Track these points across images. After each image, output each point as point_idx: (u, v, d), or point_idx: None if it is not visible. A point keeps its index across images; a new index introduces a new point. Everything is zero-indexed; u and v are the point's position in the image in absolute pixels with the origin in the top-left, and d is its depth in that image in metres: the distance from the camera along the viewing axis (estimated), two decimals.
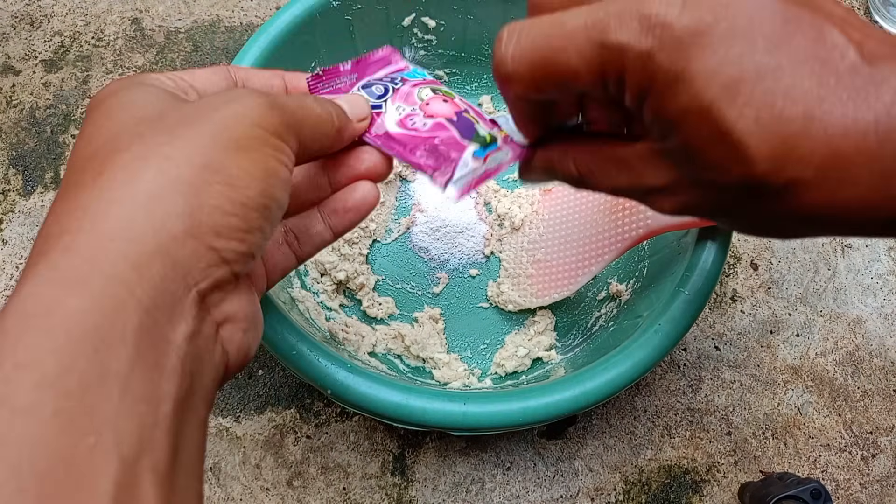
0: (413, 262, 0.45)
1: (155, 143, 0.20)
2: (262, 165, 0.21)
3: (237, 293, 0.21)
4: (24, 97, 0.50)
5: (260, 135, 0.21)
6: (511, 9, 0.44)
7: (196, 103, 0.22)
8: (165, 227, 0.18)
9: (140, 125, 0.20)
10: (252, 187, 0.20)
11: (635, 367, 0.31)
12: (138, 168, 0.19)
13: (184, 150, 0.19)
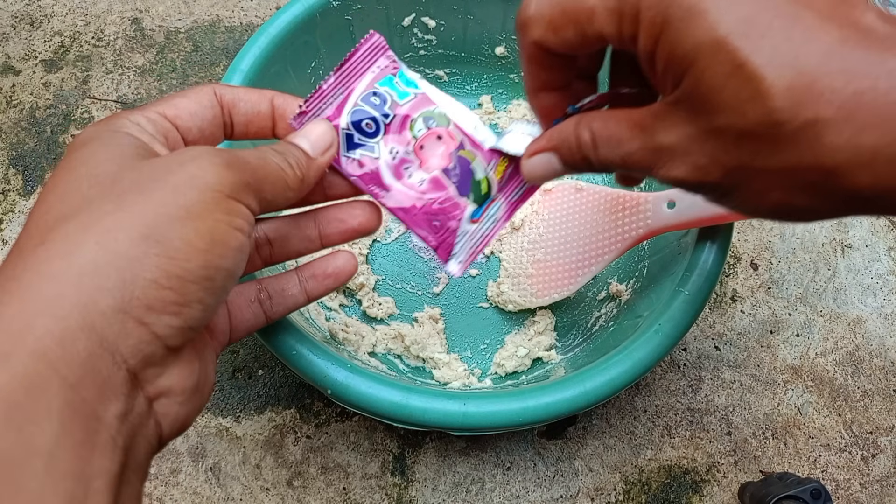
0: (413, 262, 0.45)
1: (101, 211, 0.20)
2: (208, 235, 0.20)
3: (176, 365, 0.21)
4: (24, 97, 0.50)
5: (213, 199, 0.21)
6: (511, 9, 0.44)
7: (154, 163, 0.22)
8: (94, 303, 0.18)
9: (93, 188, 0.21)
10: (193, 259, 0.20)
11: (635, 367, 0.31)
12: (78, 241, 0.19)
13: (126, 221, 0.19)
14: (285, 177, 0.25)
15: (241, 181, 0.22)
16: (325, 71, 0.44)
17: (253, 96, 0.28)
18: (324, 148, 0.27)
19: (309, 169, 0.26)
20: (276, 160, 0.24)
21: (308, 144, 0.26)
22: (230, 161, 0.22)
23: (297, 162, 0.25)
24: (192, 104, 0.26)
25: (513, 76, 0.49)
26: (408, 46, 0.46)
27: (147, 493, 0.39)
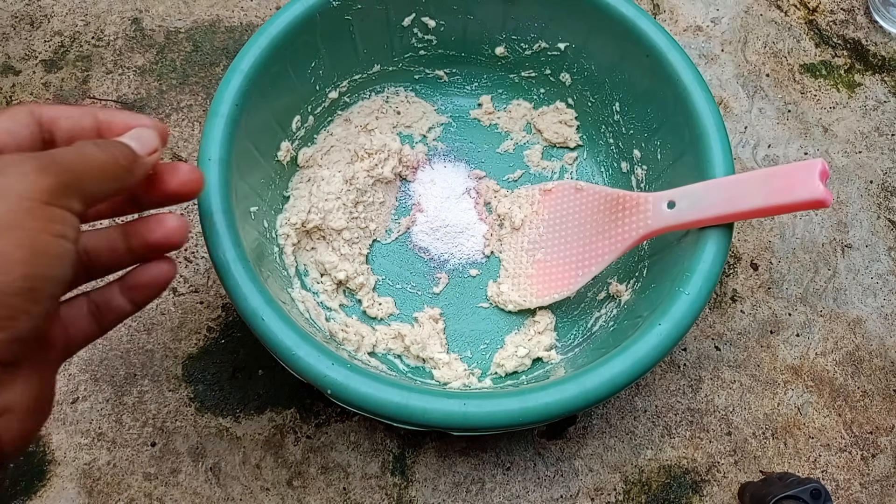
0: (413, 262, 0.45)
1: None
2: (28, 246, 0.20)
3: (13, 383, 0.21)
4: (24, 97, 0.50)
5: (28, 208, 0.21)
6: (511, 9, 0.44)
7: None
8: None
9: None
10: (13, 272, 0.20)
11: (635, 366, 0.31)
12: None
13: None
14: (108, 166, 0.24)
15: (57, 184, 0.22)
16: (325, 71, 0.44)
17: (75, 112, 0.28)
18: (150, 149, 0.27)
19: (133, 162, 0.26)
20: (96, 151, 0.24)
21: (135, 143, 0.26)
22: (43, 166, 0.22)
23: (122, 153, 0.25)
24: (7, 122, 0.25)
25: (513, 76, 0.49)
26: (408, 46, 0.46)
27: (147, 493, 0.40)
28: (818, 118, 0.53)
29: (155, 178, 0.28)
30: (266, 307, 0.32)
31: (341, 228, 0.43)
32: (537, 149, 0.49)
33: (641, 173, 0.43)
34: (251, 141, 0.38)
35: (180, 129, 0.49)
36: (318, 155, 0.45)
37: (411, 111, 0.49)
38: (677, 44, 0.40)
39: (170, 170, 0.29)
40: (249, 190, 0.39)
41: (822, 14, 0.57)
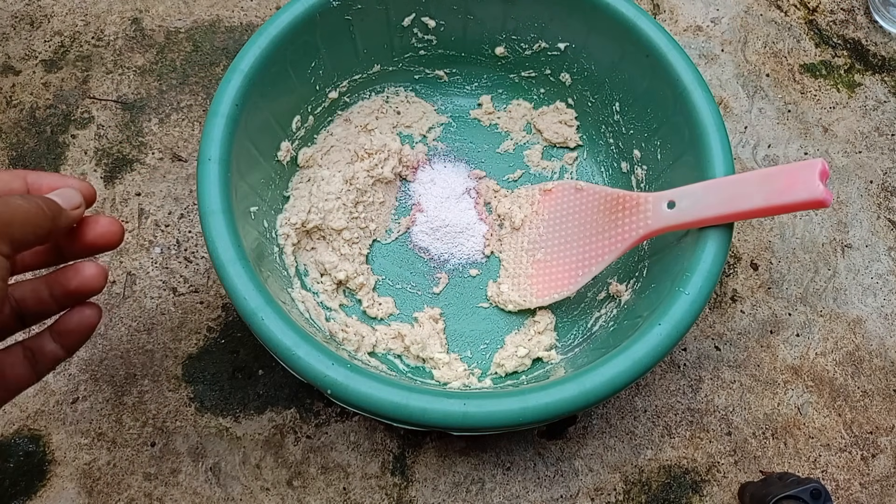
0: (413, 262, 0.45)
1: None
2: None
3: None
4: (24, 97, 0.50)
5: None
6: (511, 9, 0.44)
7: None
8: None
9: None
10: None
11: (635, 366, 0.31)
12: None
13: None
14: (33, 215, 0.26)
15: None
16: (325, 71, 0.44)
17: (4, 176, 0.30)
18: (74, 205, 0.29)
19: (59, 213, 0.28)
20: (22, 202, 0.26)
21: (60, 199, 0.29)
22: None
23: (46, 204, 0.27)
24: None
25: (513, 76, 0.49)
26: (408, 46, 0.46)
27: (147, 493, 0.40)
28: (818, 118, 0.53)
29: (76, 231, 0.31)
30: (266, 307, 0.32)
31: (341, 228, 0.43)
32: (537, 149, 0.49)
33: (641, 173, 0.43)
34: (251, 141, 0.38)
35: (180, 129, 0.49)
36: (318, 155, 0.45)
37: (411, 111, 0.49)
38: (677, 44, 0.39)
39: (90, 222, 0.31)
40: (249, 190, 0.39)
41: (822, 14, 0.57)
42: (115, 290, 0.44)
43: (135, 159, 0.48)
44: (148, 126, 0.49)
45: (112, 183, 0.47)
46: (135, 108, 0.50)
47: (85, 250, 0.31)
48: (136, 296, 0.44)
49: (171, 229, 0.46)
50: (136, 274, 0.45)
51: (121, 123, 0.49)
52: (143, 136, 0.49)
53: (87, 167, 0.48)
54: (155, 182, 0.47)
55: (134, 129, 0.49)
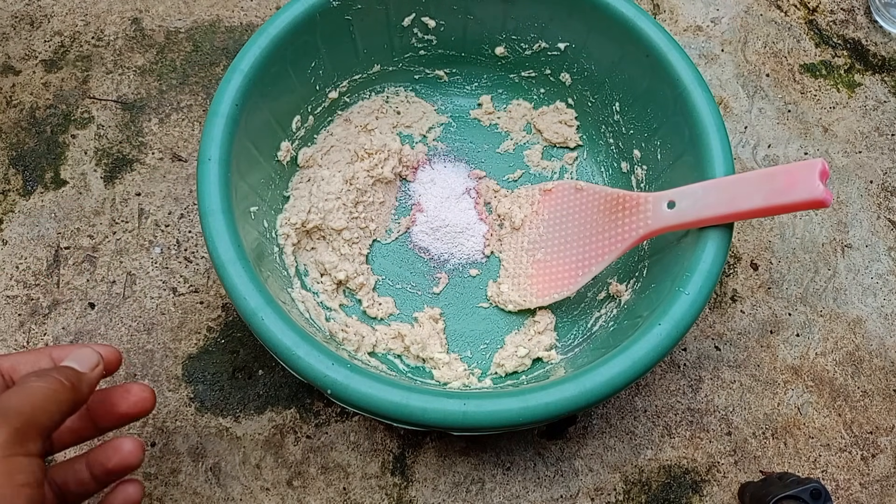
0: (413, 262, 0.45)
1: None
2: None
3: None
4: (24, 97, 0.50)
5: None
6: (511, 9, 0.44)
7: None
8: None
9: None
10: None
11: (635, 366, 0.31)
12: None
13: None
14: (55, 393, 0.26)
15: (13, 433, 0.23)
16: (325, 71, 0.44)
17: (31, 357, 0.30)
18: (91, 364, 0.29)
19: (80, 381, 0.28)
20: (40, 383, 0.26)
21: (75, 363, 0.29)
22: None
23: (65, 376, 0.27)
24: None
25: (513, 76, 0.49)
26: (408, 46, 0.46)
27: (147, 493, 0.39)
28: (818, 118, 0.53)
29: (108, 402, 0.31)
30: (266, 307, 0.31)
31: (341, 228, 0.43)
32: (537, 149, 0.49)
33: (641, 173, 0.43)
34: (251, 141, 0.38)
35: (180, 129, 0.49)
36: (318, 155, 0.45)
37: (411, 111, 0.49)
38: (677, 44, 0.39)
39: (122, 393, 0.31)
40: (249, 190, 0.39)
41: (822, 14, 0.57)
42: (115, 290, 0.44)
43: (135, 159, 0.48)
44: (148, 126, 0.49)
45: (112, 183, 0.47)
46: (135, 108, 0.50)
47: (120, 420, 0.32)
48: (136, 296, 0.44)
49: (171, 229, 0.46)
50: (136, 274, 0.45)
51: (121, 123, 0.49)
52: (143, 136, 0.49)
53: (87, 167, 0.48)
54: (155, 182, 0.47)
55: (134, 129, 0.49)
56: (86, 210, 0.46)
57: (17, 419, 0.24)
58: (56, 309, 0.43)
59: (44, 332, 0.43)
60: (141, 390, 0.32)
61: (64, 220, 0.46)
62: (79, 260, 0.45)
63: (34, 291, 0.44)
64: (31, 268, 0.45)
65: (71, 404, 0.27)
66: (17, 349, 0.42)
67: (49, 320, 0.43)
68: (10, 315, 0.43)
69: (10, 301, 0.44)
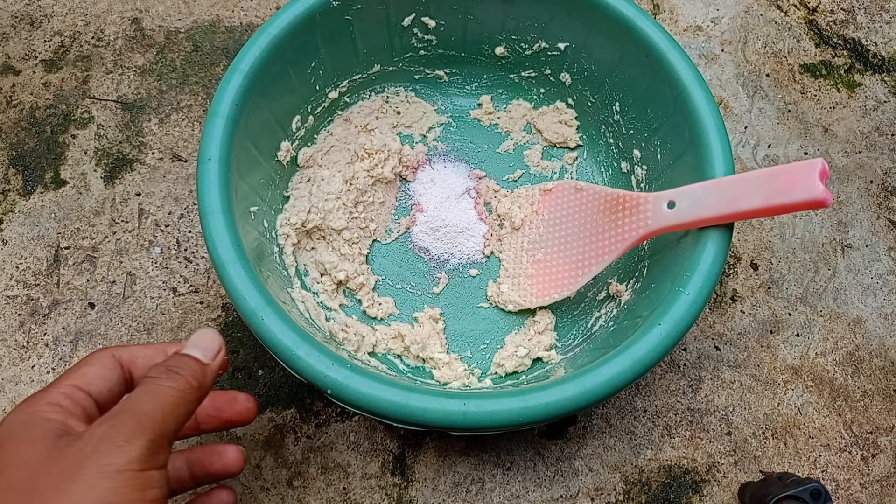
0: (413, 262, 0.45)
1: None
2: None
3: None
4: (24, 97, 0.50)
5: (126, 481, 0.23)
6: (511, 9, 0.44)
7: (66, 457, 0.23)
8: None
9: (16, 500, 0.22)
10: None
11: (635, 366, 0.31)
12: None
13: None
14: (182, 396, 0.26)
15: (146, 446, 0.24)
16: (325, 71, 0.44)
17: (148, 351, 0.30)
18: (214, 352, 0.29)
19: (204, 376, 0.28)
20: (170, 384, 0.26)
21: (199, 352, 0.28)
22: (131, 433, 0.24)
23: (191, 373, 0.27)
24: (98, 370, 0.28)
25: (513, 76, 0.49)
26: (408, 46, 0.46)
27: None
28: (818, 118, 0.53)
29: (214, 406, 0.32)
30: (266, 307, 0.31)
31: (341, 228, 0.43)
32: (537, 149, 0.49)
33: (641, 173, 0.43)
34: (251, 141, 0.38)
35: (180, 129, 0.49)
36: (318, 155, 0.45)
37: (411, 111, 0.49)
38: (677, 44, 0.39)
39: (228, 399, 0.32)
40: (249, 190, 0.39)
41: (822, 14, 0.57)
42: (115, 290, 0.44)
43: (135, 159, 0.48)
44: (148, 126, 0.49)
45: (112, 183, 0.47)
46: (135, 108, 0.50)
47: (222, 426, 0.32)
48: (136, 296, 0.44)
49: (171, 229, 0.46)
50: (136, 274, 0.45)
51: (121, 123, 0.49)
52: (143, 136, 0.49)
53: (87, 167, 0.48)
54: (155, 182, 0.47)
55: (134, 129, 0.49)
56: (86, 210, 0.46)
57: (151, 430, 0.24)
58: (56, 309, 0.43)
59: (44, 332, 0.43)
60: (247, 399, 0.32)
61: (64, 220, 0.46)
62: (79, 260, 0.45)
63: (34, 291, 0.44)
64: (31, 268, 0.45)
65: (197, 404, 0.27)
66: (17, 349, 0.42)
67: (49, 320, 0.43)
68: (10, 315, 0.43)
69: (10, 301, 0.44)
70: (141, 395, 0.26)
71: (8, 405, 0.41)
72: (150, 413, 0.25)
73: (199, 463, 0.31)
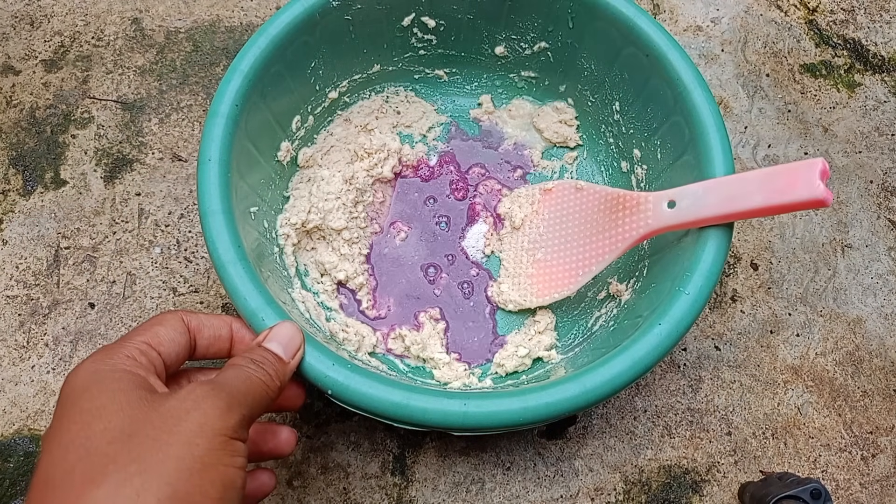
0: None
1: (126, 473, 0.21)
2: (220, 483, 0.23)
3: None
4: (24, 97, 0.50)
5: (220, 444, 0.23)
6: (511, 9, 0.44)
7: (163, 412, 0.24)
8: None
9: (112, 444, 0.22)
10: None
11: (635, 366, 0.31)
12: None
13: (152, 483, 0.21)
14: (268, 391, 0.27)
15: (239, 419, 0.24)
16: (325, 71, 0.44)
17: (215, 322, 0.31)
18: (294, 350, 0.30)
19: (284, 375, 0.29)
20: (259, 376, 0.27)
21: (281, 349, 0.29)
22: (230, 402, 0.24)
23: (275, 371, 0.28)
24: (169, 332, 0.28)
25: (512, 76, 0.49)
26: (408, 46, 0.46)
27: None
28: (818, 118, 0.53)
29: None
30: (266, 307, 0.32)
31: (341, 228, 0.43)
32: (537, 148, 0.49)
33: (641, 173, 0.43)
34: (251, 141, 0.38)
35: (180, 129, 0.49)
36: (318, 155, 0.45)
37: (411, 111, 0.49)
38: (677, 44, 0.39)
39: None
40: (249, 190, 0.39)
41: (822, 14, 0.57)
42: (115, 290, 0.44)
43: (135, 159, 0.48)
44: (148, 126, 0.49)
45: (112, 183, 0.47)
46: (135, 108, 0.50)
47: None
48: (136, 296, 0.44)
49: (171, 229, 0.46)
50: (136, 274, 0.45)
51: (121, 123, 0.49)
52: (143, 136, 0.49)
53: (87, 167, 0.48)
54: (155, 182, 0.47)
55: (134, 129, 0.49)
56: (86, 210, 0.46)
57: (245, 408, 0.25)
58: (56, 309, 0.43)
59: (44, 332, 0.43)
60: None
61: (64, 220, 0.46)
62: (79, 260, 0.45)
63: (34, 291, 0.44)
64: (31, 268, 0.45)
65: (274, 400, 0.28)
66: (17, 349, 0.42)
67: (49, 320, 0.43)
68: (10, 315, 0.43)
69: (10, 301, 0.44)
70: (233, 376, 0.26)
71: (8, 405, 0.41)
72: (245, 393, 0.26)
73: (252, 440, 0.31)
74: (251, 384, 0.26)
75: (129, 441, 0.22)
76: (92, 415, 0.23)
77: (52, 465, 0.22)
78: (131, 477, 0.21)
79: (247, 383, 0.26)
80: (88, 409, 0.24)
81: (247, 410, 0.25)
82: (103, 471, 0.21)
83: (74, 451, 0.22)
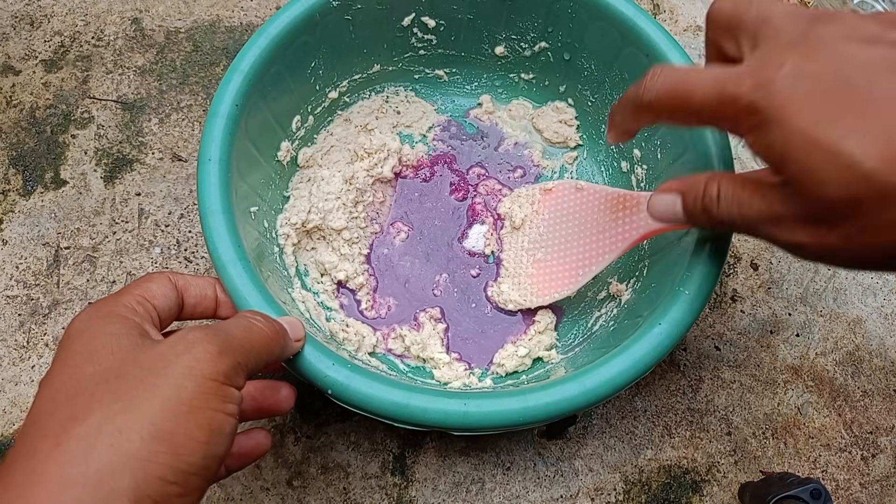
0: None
1: (111, 411, 0.21)
2: (207, 427, 0.23)
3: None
4: (24, 97, 0.50)
5: (210, 388, 0.23)
6: (511, 9, 0.44)
7: (153, 354, 0.24)
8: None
9: (100, 384, 0.22)
10: (196, 452, 0.22)
11: (635, 366, 0.31)
12: (92, 443, 0.21)
13: (136, 421, 0.21)
14: (269, 343, 0.27)
15: (233, 365, 0.24)
16: (325, 71, 0.44)
17: (200, 282, 0.31)
18: (298, 336, 0.30)
19: (286, 345, 0.29)
20: (262, 326, 0.27)
21: (289, 328, 0.30)
22: (223, 348, 0.24)
23: (281, 330, 0.28)
24: (160, 288, 0.29)
25: (512, 76, 0.49)
26: (408, 46, 0.46)
27: None
28: None
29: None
30: (266, 307, 0.32)
31: (341, 228, 0.43)
32: (537, 148, 0.49)
33: (641, 173, 0.43)
34: (251, 141, 0.38)
35: (180, 129, 0.49)
36: (318, 155, 0.45)
37: (411, 111, 0.49)
38: (677, 44, 0.40)
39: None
40: (249, 190, 0.39)
41: None
42: (116, 289, 0.44)
43: (135, 159, 0.48)
44: (148, 126, 0.49)
45: (112, 183, 0.47)
46: (135, 108, 0.50)
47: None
48: None
49: (171, 229, 0.46)
50: (136, 274, 0.45)
51: (121, 123, 0.49)
52: (143, 136, 0.49)
53: (87, 167, 0.48)
54: (155, 182, 0.47)
55: (134, 129, 0.49)
56: (86, 210, 0.46)
57: (240, 355, 0.25)
58: (56, 309, 0.43)
59: (44, 332, 0.43)
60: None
61: (64, 220, 0.46)
62: (79, 260, 0.45)
63: (34, 291, 0.44)
64: (31, 268, 0.45)
65: (273, 359, 0.28)
66: (17, 349, 0.42)
67: (49, 320, 0.43)
68: (10, 315, 0.43)
69: (10, 301, 0.44)
70: (233, 324, 0.27)
71: (8, 405, 0.41)
72: (242, 340, 0.26)
73: (249, 395, 0.31)
74: (251, 333, 0.26)
75: (116, 381, 0.22)
76: (84, 357, 0.24)
77: (41, 406, 0.23)
78: (115, 415, 0.21)
79: (246, 332, 0.26)
80: (81, 351, 0.24)
81: (242, 358, 0.25)
82: (88, 409, 0.22)
83: (64, 392, 0.23)
